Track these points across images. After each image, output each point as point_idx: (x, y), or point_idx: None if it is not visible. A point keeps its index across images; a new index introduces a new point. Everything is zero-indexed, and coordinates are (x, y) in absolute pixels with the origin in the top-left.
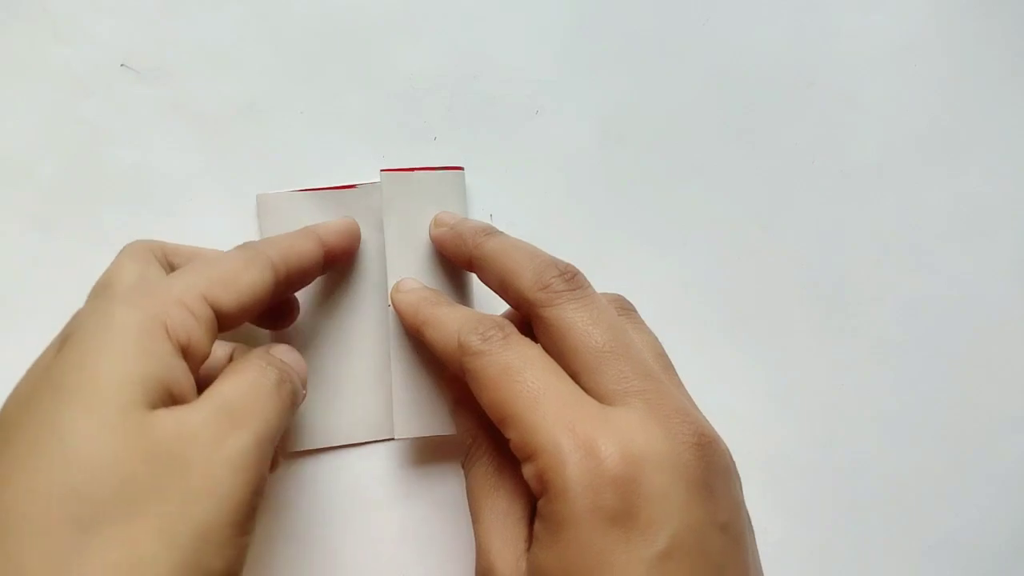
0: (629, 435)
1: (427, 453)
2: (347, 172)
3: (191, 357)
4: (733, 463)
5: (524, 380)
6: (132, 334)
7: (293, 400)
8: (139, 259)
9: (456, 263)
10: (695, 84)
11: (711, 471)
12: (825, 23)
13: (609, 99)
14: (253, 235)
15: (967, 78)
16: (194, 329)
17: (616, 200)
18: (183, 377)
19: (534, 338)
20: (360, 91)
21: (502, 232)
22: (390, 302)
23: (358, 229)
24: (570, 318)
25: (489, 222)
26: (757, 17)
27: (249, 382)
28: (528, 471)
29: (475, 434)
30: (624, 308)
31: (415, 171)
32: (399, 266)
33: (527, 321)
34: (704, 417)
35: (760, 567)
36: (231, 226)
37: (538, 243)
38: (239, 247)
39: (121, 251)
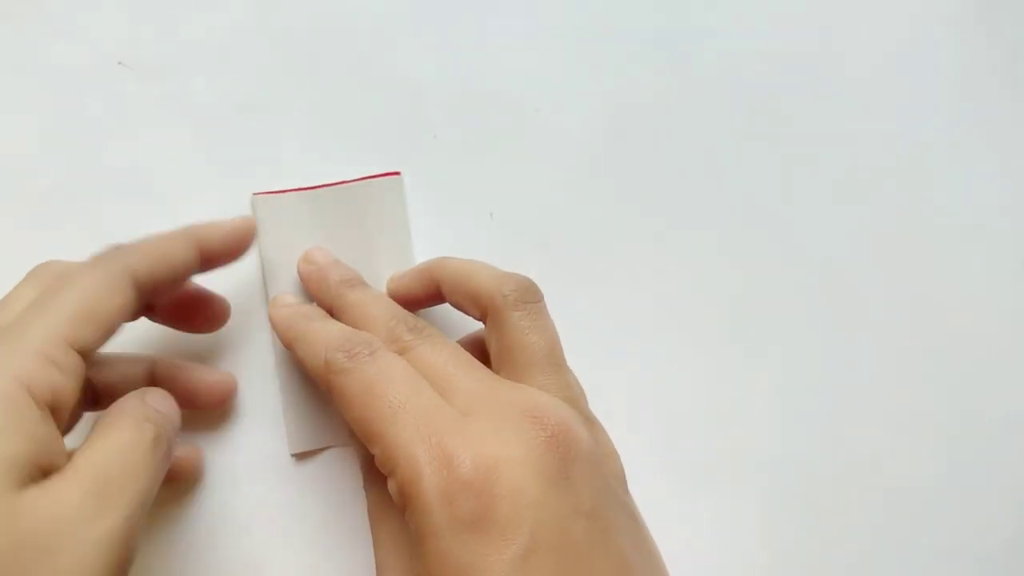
0: (482, 440)
1: None
2: (347, 172)
3: (59, 412)
4: (602, 450)
5: (385, 396)
6: None
7: (167, 457)
8: (40, 286)
9: (318, 304)
10: (697, 83)
11: (569, 461)
12: (829, 22)
13: (610, 98)
14: None
15: (972, 79)
16: (60, 383)
17: (617, 199)
18: (52, 444)
19: (484, 355)
20: (360, 90)
21: (366, 285)
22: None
23: (250, 228)
24: (422, 362)
25: (489, 221)
26: (760, 16)
27: (123, 444)
28: (391, 486)
29: (366, 452)
30: (524, 301)
31: (293, 191)
32: (279, 284)
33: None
34: (570, 408)
35: (649, 550)
36: None
37: (538, 242)
38: (100, 259)
39: (30, 272)
